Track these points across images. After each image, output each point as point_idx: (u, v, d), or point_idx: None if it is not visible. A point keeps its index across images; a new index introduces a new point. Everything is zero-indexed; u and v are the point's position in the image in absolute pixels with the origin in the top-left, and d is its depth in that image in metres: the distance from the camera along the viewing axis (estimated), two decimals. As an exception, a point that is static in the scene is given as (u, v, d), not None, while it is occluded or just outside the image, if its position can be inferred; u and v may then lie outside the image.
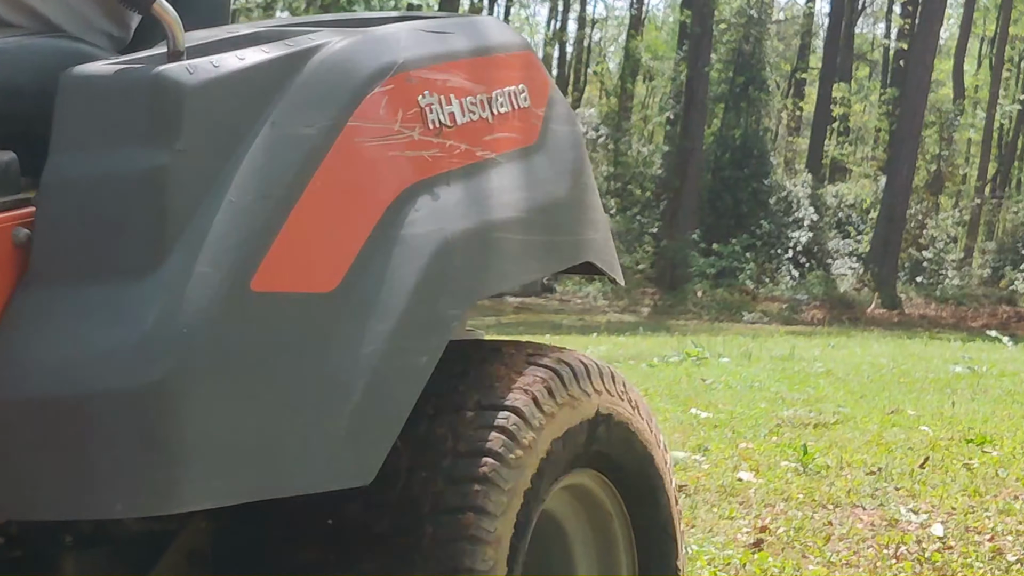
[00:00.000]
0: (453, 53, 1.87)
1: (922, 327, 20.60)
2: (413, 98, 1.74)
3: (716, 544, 3.48)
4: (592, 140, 31.13)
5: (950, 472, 4.72)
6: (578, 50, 40.92)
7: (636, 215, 28.24)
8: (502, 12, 40.01)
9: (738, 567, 3.20)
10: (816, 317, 21.63)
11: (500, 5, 39.60)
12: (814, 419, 6.30)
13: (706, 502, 4.21)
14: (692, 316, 20.83)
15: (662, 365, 9.54)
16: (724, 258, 24.87)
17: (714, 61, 27.22)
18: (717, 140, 27.65)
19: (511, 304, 24.36)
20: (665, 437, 2.10)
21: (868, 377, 8.97)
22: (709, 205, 26.69)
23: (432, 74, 1.80)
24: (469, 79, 1.87)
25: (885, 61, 39.48)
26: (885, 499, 4.15)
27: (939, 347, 13.74)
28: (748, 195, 26.86)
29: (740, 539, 3.62)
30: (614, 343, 12.46)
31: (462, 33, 1.93)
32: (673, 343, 11.91)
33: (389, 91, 1.71)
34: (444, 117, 1.79)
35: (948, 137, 33.46)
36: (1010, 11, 34.45)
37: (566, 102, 2.10)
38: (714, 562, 3.25)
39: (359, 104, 1.66)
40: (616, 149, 30.65)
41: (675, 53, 30.40)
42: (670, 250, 25.01)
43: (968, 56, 38.63)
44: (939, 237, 29.39)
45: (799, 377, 8.48)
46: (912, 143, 25.33)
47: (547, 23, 42.69)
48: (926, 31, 25.45)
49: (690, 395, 7.26)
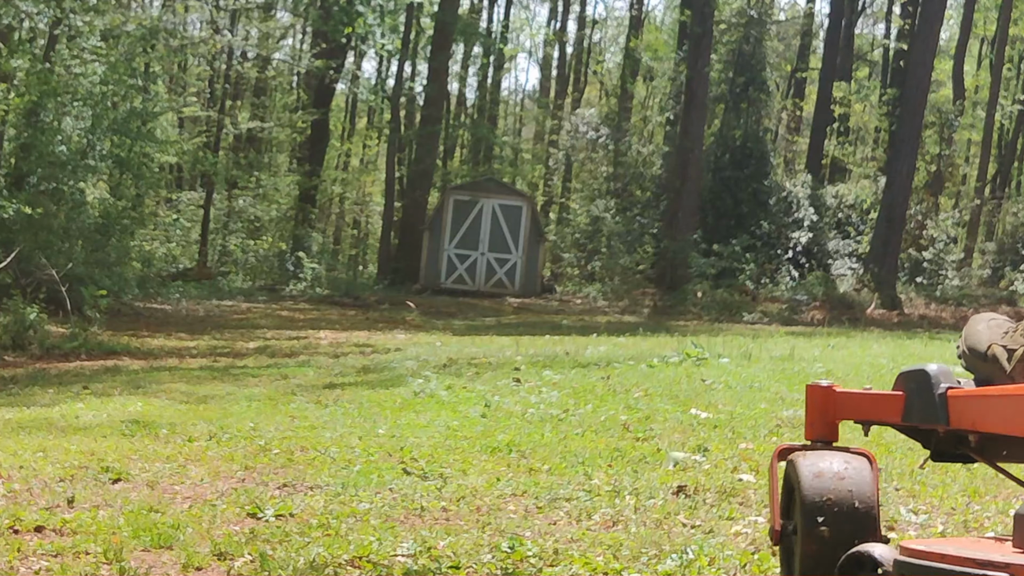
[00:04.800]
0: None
1: (922, 327, 20.58)
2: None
3: (716, 544, 3.48)
4: (592, 140, 31.13)
5: (950, 472, 4.73)
6: (578, 50, 40.88)
7: (636, 215, 28.23)
8: (502, 12, 39.98)
9: (738, 567, 3.20)
10: (816, 317, 21.60)
11: (500, 5, 39.56)
12: (814, 419, 6.28)
13: (706, 502, 4.21)
14: (692, 316, 20.81)
15: (662, 365, 9.54)
16: (724, 258, 24.86)
17: (714, 61, 27.19)
18: (717, 140, 27.64)
19: (511, 304, 24.34)
20: (666, 437, 2.10)
21: (868, 377, 8.97)
22: (709, 205, 26.67)
23: None
24: None
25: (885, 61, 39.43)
26: (885, 499, 4.16)
27: (939, 347, 13.74)
28: (748, 195, 26.86)
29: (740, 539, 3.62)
30: (614, 343, 12.45)
31: None
32: (673, 343, 11.91)
33: None
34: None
35: (948, 137, 33.43)
36: (1010, 11, 34.44)
37: None
38: (714, 562, 3.25)
39: None
40: (616, 149, 30.64)
41: (675, 53, 30.37)
42: (670, 251, 24.99)
43: (968, 56, 38.61)
44: (939, 237, 29.37)
45: (799, 377, 8.48)
46: (912, 143, 25.31)
47: (547, 23, 42.63)
48: (926, 31, 25.43)
49: (690, 395, 7.26)
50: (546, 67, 41.84)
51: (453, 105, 38.92)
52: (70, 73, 18.18)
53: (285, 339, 15.95)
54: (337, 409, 7.36)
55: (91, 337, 14.16)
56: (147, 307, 20.01)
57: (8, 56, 16.47)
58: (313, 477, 4.58)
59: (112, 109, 18.79)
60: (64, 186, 17.69)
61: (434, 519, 3.82)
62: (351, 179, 40.05)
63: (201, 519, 3.74)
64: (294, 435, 5.89)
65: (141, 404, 7.75)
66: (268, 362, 12.34)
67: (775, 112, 31.91)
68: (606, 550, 3.35)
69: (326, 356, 12.78)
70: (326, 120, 33.49)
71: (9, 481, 4.41)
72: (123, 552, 3.25)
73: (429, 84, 31.55)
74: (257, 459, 5.08)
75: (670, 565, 3.21)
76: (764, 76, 28.55)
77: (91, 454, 5.13)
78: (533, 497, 4.19)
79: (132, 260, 19.52)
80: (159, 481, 4.50)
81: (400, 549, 3.31)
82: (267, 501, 4.00)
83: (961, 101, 34.47)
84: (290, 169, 35.97)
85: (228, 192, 33.91)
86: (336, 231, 40.91)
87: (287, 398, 8.29)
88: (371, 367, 11.26)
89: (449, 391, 8.57)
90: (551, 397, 7.94)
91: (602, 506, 4.02)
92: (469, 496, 4.19)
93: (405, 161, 32.63)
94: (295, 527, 3.61)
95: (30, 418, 6.93)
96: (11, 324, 13.67)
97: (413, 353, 12.24)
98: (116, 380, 10.18)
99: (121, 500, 4.05)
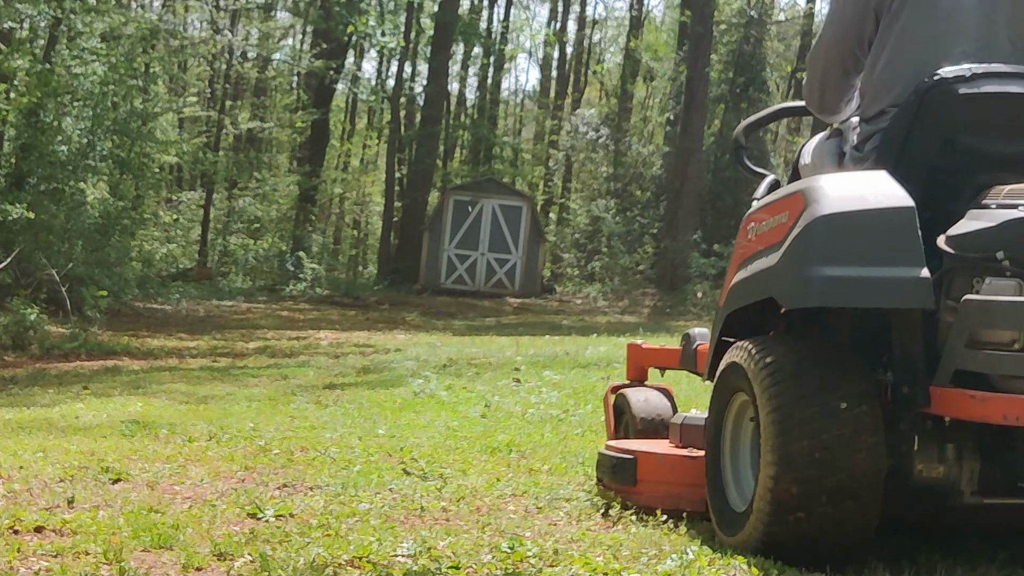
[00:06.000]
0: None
1: (922, 327, 20.58)
2: None
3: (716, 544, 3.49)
4: (592, 140, 31.13)
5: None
6: (578, 50, 40.90)
7: (636, 216, 28.23)
8: (502, 12, 39.99)
9: (738, 567, 3.20)
10: (816, 317, 21.62)
11: (500, 5, 39.57)
12: (814, 419, 6.29)
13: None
14: (692, 317, 20.82)
15: (662, 366, 9.53)
16: (724, 259, 24.84)
17: (714, 61, 27.20)
18: (717, 141, 27.64)
19: (511, 304, 24.35)
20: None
21: (868, 377, 8.97)
22: (709, 206, 26.67)
23: None
24: None
25: (885, 61, 39.42)
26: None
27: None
28: (748, 196, 26.84)
29: (740, 539, 3.63)
30: (614, 344, 12.45)
31: None
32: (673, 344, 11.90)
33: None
34: None
35: (948, 137, 33.44)
36: (1010, 11, 34.45)
37: None
38: (714, 563, 3.25)
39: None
40: (616, 149, 30.65)
41: (675, 54, 30.38)
42: (670, 251, 25.00)
43: (968, 56, 38.60)
44: (939, 237, 29.37)
45: (799, 377, 8.46)
46: (912, 143, 25.31)
47: (547, 23, 42.64)
48: (926, 31, 25.42)
49: (691, 396, 7.27)
50: (546, 67, 41.86)
51: (453, 105, 38.92)
52: (70, 73, 18.17)
53: (285, 339, 15.96)
54: (337, 409, 7.37)
55: (91, 337, 14.17)
56: (147, 307, 20.02)
57: (8, 56, 16.47)
58: (313, 477, 4.59)
59: (112, 109, 18.79)
60: (64, 186, 17.69)
61: (434, 519, 3.82)
62: (351, 179, 40.05)
63: (201, 519, 3.74)
64: (294, 435, 5.90)
65: (141, 404, 7.75)
66: (268, 362, 12.35)
67: (775, 112, 31.89)
68: (606, 550, 3.36)
69: (326, 356, 12.79)
70: (326, 120, 33.49)
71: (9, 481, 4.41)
72: (123, 552, 3.26)
73: (429, 84, 31.55)
74: (257, 459, 5.08)
75: (670, 565, 3.22)
76: (764, 76, 28.55)
77: (91, 454, 5.13)
78: (533, 497, 4.20)
79: (132, 260, 19.53)
80: (159, 481, 4.51)
81: (400, 549, 3.31)
82: (267, 501, 4.00)
83: (961, 101, 34.47)
84: (290, 169, 35.98)
85: (228, 192, 33.91)
86: (336, 231, 40.92)
87: (287, 398, 8.30)
88: (371, 367, 11.26)
89: (449, 391, 8.58)
90: (551, 397, 7.95)
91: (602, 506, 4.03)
92: (469, 496, 4.20)
93: (405, 161, 32.64)
94: (295, 527, 3.61)
95: (30, 418, 6.94)
96: (11, 324, 13.68)
97: (413, 353, 12.25)
98: (116, 380, 10.18)
99: (121, 500, 4.06)
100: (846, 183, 3.40)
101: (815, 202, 3.32)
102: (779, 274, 3.40)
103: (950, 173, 3.45)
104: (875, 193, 3.31)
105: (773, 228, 3.52)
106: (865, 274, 3.21)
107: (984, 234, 3.19)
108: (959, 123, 3.45)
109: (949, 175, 3.45)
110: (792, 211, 3.43)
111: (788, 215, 3.44)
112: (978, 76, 3.45)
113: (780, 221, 3.48)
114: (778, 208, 3.55)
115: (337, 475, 4.62)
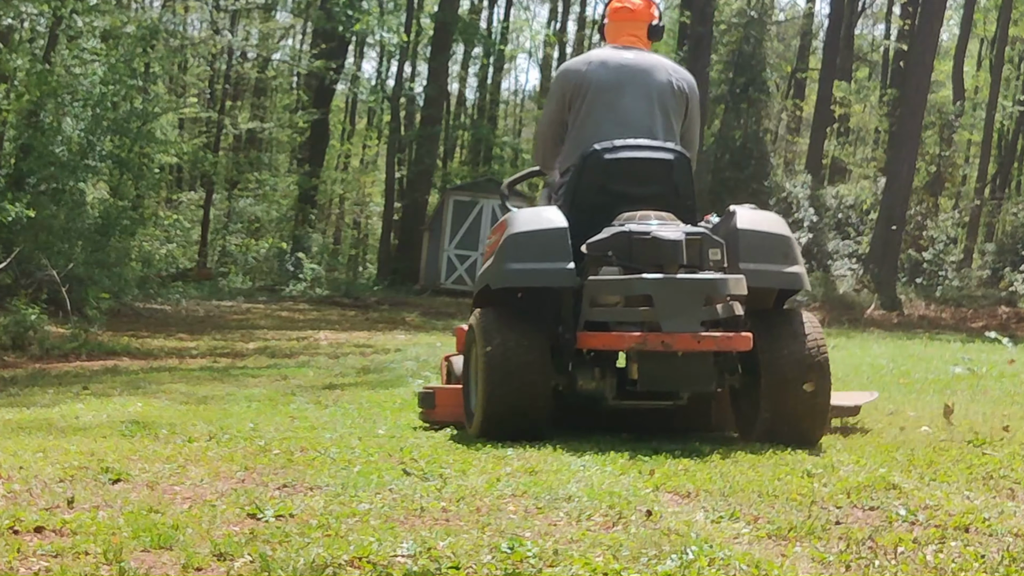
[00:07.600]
0: None
1: (922, 328, 20.61)
2: None
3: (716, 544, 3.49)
4: (592, 141, 31.14)
5: (950, 472, 4.73)
6: (578, 50, 40.88)
7: (636, 216, 28.23)
8: (502, 13, 39.99)
9: (738, 567, 3.20)
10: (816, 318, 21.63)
11: (500, 6, 39.57)
12: (814, 420, 6.28)
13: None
14: (692, 317, 20.81)
15: (662, 366, 9.53)
16: (724, 259, 24.87)
17: (714, 61, 27.21)
18: (717, 141, 27.65)
19: (511, 305, 24.36)
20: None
21: (868, 378, 8.98)
22: (709, 206, 26.67)
23: None
24: None
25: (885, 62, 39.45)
26: (884, 499, 4.16)
27: (939, 348, 13.76)
28: (748, 196, 26.83)
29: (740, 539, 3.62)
30: (614, 344, 12.44)
31: None
32: (673, 344, 11.89)
33: None
34: None
35: (948, 138, 33.45)
36: (1010, 11, 34.45)
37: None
38: (714, 563, 3.25)
39: None
40: (616, 150, 30.64)
41: (675, 54, 30.38)
42: (670, 251, 24.98)
43: (968, 57, 38.61)
44: (939, 238, 29.38)
45: (799, 378, 8.46)
46: (912, 144, 25.33)
47: (547, 24, 42.64)
48: (926, 32, 25.45)
49: (690, 396, 7.25)
50: (546, 68, 41.85)
51: (453, 105, 38.93)
52: (70, 73, 18.18)
53: (285, 340, 15.96)
54: (337, 410, 7.37)
55: (91, 338, 14.18)
56: (147, 307, 20.02)
57: (8, 56, 16.48)
58: (313, 478, 4.58)
59: (112, 109, 18.79)
60: (64, 186, 17.69)
61: (434, 520, 3.82)
62: (351, 179, 40.06)
63: (201, 520, 3.74)
64: (294, 436, 5.90)
65: (141, 405, 7.75)
66: (268, 363, 12.35)
67: (775, 112, 31.92)
68: (606, 550, 3.36)
69: (326, 357, 12.79)
70: (326, 120, 33.50)
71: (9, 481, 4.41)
72: (123, 553, 3.26)
73: (429, 84, 31.56)
74: (257, 459, 5.08)
75: (670, 565, 3.21)
76: (764, 76, 28.56)
77: (91, 454, 5.13)
78: (533, 497, 4.20)
79: (132, 261, 19.53)
80: (159, 482, 4.51)
81: (400, 550, 3.31)
82: (267, 502, 4.00)
83: (961, 102, 34.48)
84: (290, 169, 35.99)
85: (228, 192, 33.92)
86: (336, 231, 40.93)
87: (287, 399, 8.30)
88: (371, 368, 11.26)
89: (449, 391, 8.56)
90: (551, 397, 7.94)
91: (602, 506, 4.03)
92: (469, 496, 4.19)
93: (405, 162, 32.64)
94: (295, 528, 3.61)
95: (30, 418, 6.94)
96: (11, 325, 13.68)
97: (413, 354, 12.25)
98: (116, 381, 10.18)
99: (121, 501, 4.06)
100: (529, 215, 5.62)
101: (511, 226, 5.58)
102: (491, 269, 5.64)
103: (602, 207, 5.59)
104: (544, 220, 5.54)
105: (494, 242, 5.72)
106: (535, 267, 5.44)
107: (603, 242, 5.38)
108: (606, 176, 5.67)
109: (602, 208, 5.59)
110: (500, 232, 5.66)
111: (500, 234, 5.65)
112: (619, 147, 5.67)
113: (496, 238, 5.70)
114: (497, 230, 5.76)
115: (337, 475, 4.61)
